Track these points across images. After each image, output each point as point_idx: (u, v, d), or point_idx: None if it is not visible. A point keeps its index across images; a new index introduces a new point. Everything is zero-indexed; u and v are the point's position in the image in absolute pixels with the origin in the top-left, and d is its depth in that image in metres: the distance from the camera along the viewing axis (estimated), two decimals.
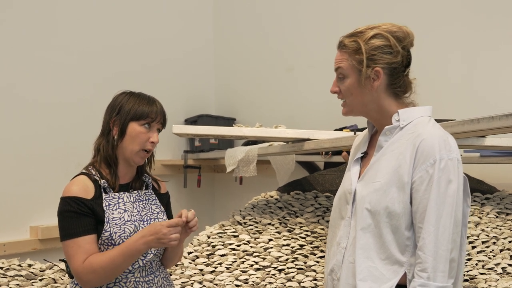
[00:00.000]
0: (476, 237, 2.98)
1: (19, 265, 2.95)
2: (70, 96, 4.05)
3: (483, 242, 2.94)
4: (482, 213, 3.13)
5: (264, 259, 3.07)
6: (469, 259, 2.85)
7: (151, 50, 4.62)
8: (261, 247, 3.15)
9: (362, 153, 1.75)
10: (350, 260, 1.61)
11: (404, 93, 1.66)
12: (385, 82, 1.62)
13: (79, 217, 1.84)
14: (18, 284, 2.77)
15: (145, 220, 1.97)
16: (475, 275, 2.74)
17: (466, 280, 2.73)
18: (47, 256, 3.68)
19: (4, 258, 3.40)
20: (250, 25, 4.84)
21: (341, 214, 1.72)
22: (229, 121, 4.76)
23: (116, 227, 1.88)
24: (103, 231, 1.86)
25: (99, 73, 4.24)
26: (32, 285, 2.80)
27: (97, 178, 1.96)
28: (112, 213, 1.89)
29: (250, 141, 4.05)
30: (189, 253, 3.15)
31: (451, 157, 1.52)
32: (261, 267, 3.03)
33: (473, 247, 2.93)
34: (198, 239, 3.25)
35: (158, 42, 4.68)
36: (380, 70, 1.59)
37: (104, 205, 1.90)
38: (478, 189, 3.29)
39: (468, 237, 3.00)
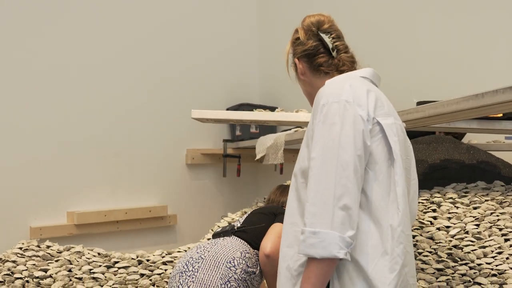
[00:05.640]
0: (510, 229, 2.73)
1: (38, 246, 3.02)
2: (111, 87, 4.15)
3: None
4: None
5: None
6: (499, 253, 2.61)
7: (196, 41, 4.62)
8: None
9: None
10: None
11: (336, 70, 1.66)
12: (307, 67, 1.69)
13: None
14: (34, 264, 2.84)
15: None
16: (505, 270, 2.50)
17: (494, 275, 2.50)
18: (82, 241, 3.77)
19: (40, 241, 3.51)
20: (295, 13, 4.71)
21: None
22: (271, 110, 4.65)
23: None
24: None
25: (141, 62, 4.31)
26: (48, 265, 2.86)
27: None
28: None
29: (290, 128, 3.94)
30: (209, 239, 3.10)
31: (338, 99, 1.40)
32: None
33: (506, 240, 2.68)
34: (219, 226, 3.20)
35: (203, 33, 4.67)
36: (296, 60, 1.72)
37: None
38: None
39: (501, 229, 2.75)
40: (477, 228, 2.75)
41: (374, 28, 3.93)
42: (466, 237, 2.71)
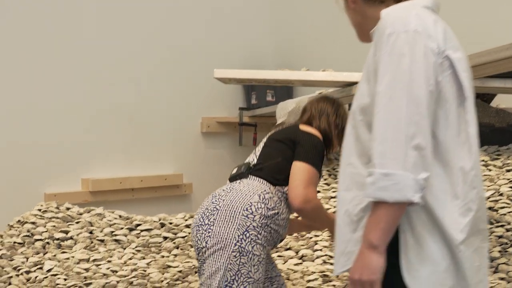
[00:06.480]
0: None
1: (57, 208, 2.93)
2: (125, 55, 4.07)
3: None
4: None
5: None
6: None
7: (207, 7, 4.51)
8: None
9: None
10: None
11: None
12: None
13: (321, 160, 2.02)
14: (54, 226, 2.75)
15: None
16: None
17: None
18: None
19: None
20: None
21: None
22: None
23: None
24: None
25: (156, 29, 4.22)
26: (68, 227, 2.78)
27: None
28: None
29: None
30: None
31: (407, 29, 1.25)
32: None
33: None
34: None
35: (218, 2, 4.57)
36: None
37: None
38: None
39: None
40: (511, 191, 2.67)
41: None
42: (500, 199, 2.64)
